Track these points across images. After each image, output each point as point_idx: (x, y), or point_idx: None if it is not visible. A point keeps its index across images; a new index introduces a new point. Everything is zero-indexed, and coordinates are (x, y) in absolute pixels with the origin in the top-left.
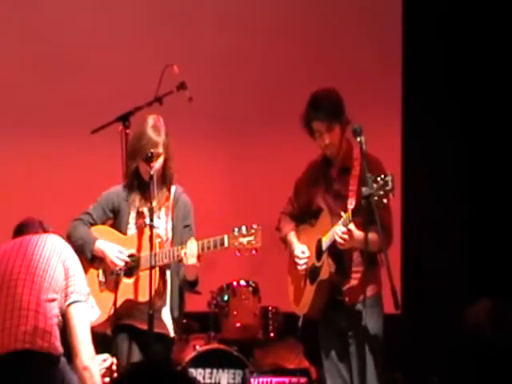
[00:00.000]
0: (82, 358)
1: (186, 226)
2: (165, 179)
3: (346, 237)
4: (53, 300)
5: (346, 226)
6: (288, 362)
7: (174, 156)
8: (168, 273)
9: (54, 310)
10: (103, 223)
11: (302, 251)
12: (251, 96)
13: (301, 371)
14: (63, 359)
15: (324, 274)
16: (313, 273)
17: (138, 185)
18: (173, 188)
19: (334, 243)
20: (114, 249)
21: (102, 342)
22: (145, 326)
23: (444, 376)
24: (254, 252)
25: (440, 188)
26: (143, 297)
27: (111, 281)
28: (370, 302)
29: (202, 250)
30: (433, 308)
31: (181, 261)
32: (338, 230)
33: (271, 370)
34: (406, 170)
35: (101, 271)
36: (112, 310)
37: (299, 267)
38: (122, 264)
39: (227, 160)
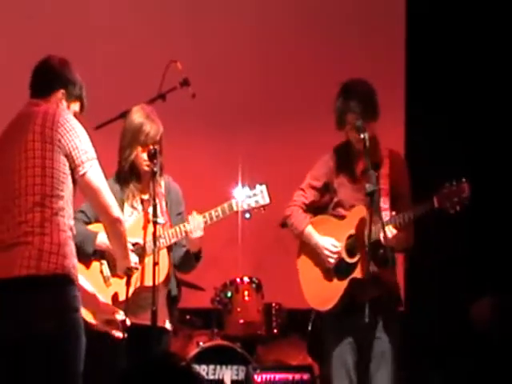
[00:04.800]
0: (112, 210)
1: (179, 214)
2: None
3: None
4: None
5: (397, 228)
6: (291, 359)
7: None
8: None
9: None
10: (97, 218)
11: (332, 244)
12: (255, 92)
13: (304, 368)
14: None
15: (358, 273)
16: (343, 269)
17: (133, 175)
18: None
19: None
20: None
21: (97, 339)
22: (145, 321)
23: (446, 374)
24: (262, 210)
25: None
26: (148, 281)
27: (120, 276)
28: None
29: (211, 219)
30: (436, 307)
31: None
32: (389, 232)
33: (274, 367)
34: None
35: (104, 266)
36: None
37: (330, 260)
38: (135, 259)
39: (231, 156)
